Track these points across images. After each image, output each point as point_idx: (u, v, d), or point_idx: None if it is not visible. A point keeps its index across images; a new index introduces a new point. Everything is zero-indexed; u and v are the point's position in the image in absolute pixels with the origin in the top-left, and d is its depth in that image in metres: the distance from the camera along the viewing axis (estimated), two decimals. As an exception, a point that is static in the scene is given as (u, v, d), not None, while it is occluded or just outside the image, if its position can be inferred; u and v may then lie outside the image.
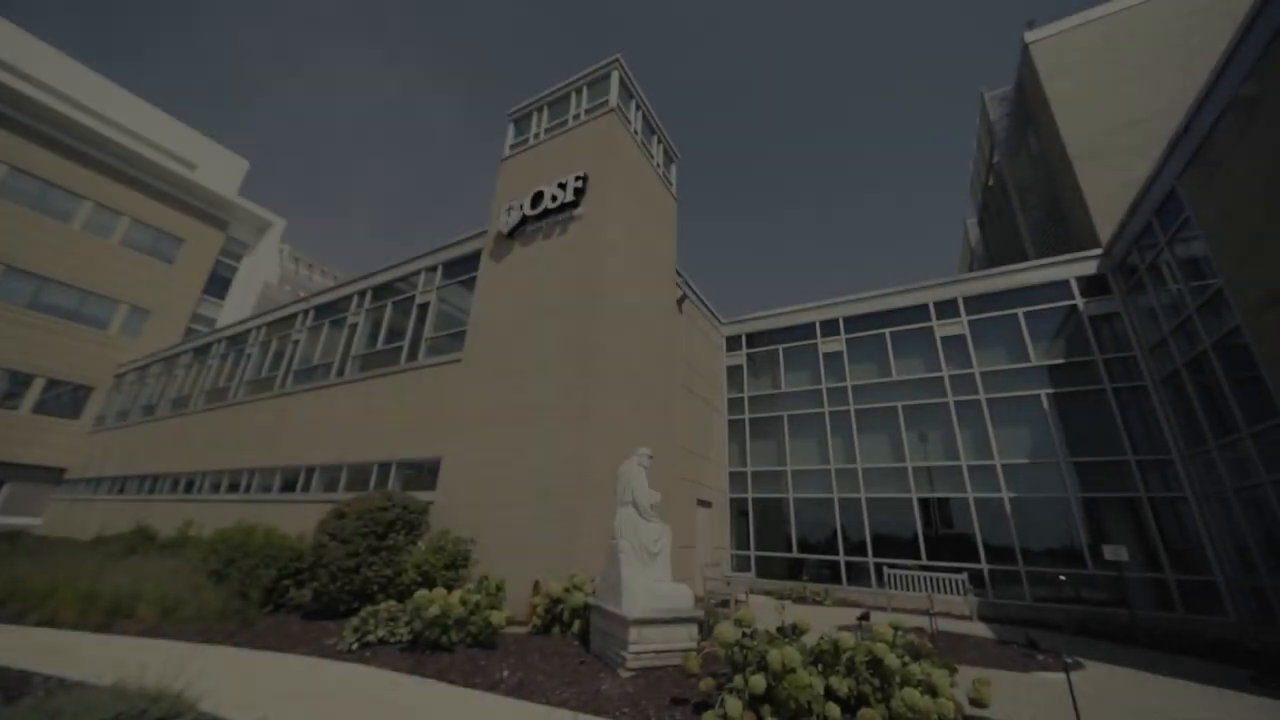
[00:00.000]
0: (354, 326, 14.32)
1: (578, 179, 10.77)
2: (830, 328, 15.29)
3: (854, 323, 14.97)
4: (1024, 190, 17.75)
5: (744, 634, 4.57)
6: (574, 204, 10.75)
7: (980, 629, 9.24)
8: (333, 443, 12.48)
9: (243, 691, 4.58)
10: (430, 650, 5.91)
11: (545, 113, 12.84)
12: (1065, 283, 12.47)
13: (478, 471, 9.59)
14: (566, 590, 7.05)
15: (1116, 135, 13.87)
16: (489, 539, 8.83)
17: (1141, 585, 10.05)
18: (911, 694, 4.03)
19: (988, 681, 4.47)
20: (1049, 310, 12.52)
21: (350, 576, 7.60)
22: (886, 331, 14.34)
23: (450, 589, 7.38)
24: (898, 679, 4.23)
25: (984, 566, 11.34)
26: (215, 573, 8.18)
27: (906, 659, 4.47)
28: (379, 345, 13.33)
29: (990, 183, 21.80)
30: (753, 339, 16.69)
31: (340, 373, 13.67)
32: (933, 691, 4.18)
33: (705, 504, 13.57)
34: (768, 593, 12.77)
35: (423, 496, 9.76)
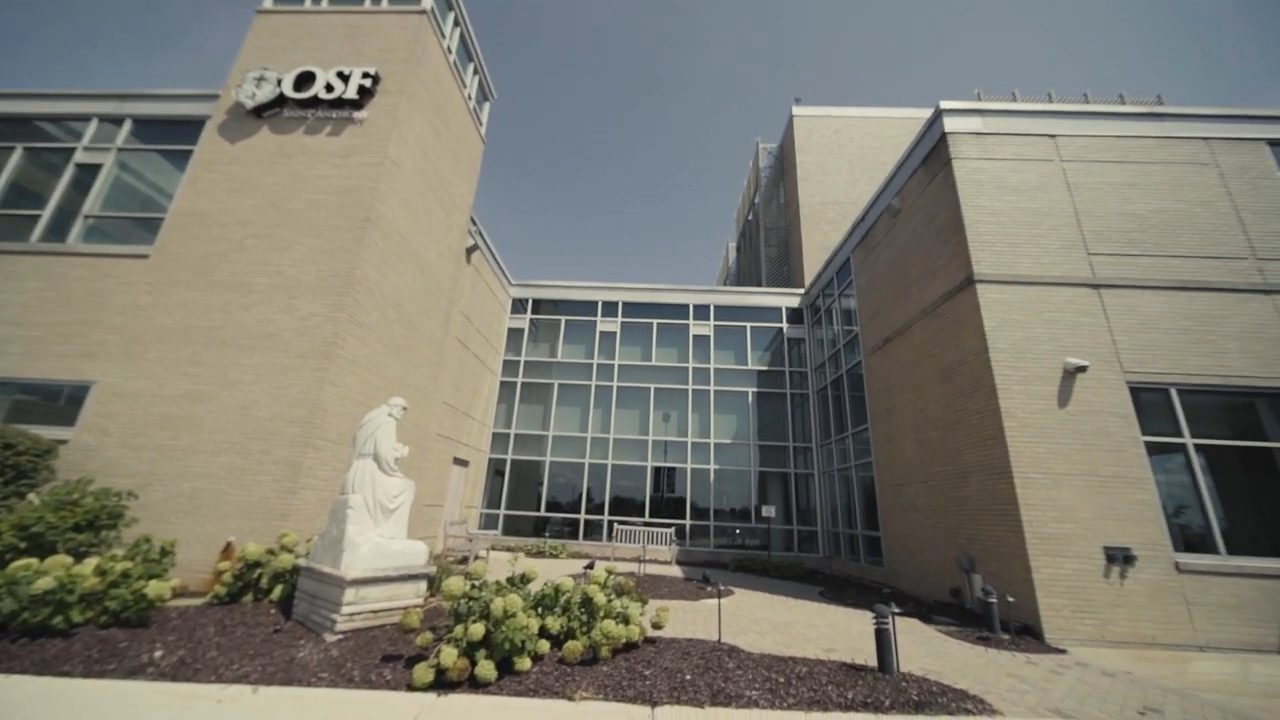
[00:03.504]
0: (-74, 164, 9.14)
1: (366, 76, 9.04)
2: (610, 309, 16.57)
3: (631, 308, 16.56)
4: (769, 231, 22.32)
5: (472, 586, 4.75)
6: (356, 103, 9.01)
7: (675, 570, 11.53)
8: None
9: None
10: (30, 638, 4.38)
11: (332, -24, 10.29)
12: (779, 310, 16.29)
13: (156, 406, 7.36)
14: (270, 552, 6.07)
15: (826, 209, 18.64)
16: (164, 493, 6.92)
17: (779, 534, 14.07)
18: (609, 624, 4.84)
19: (667, 609, 5.67)
20: (766, 328, 16.19)
21: None
22: (654, 322, 16.32)
23: (83, 556, 5.57)
24: (602, 613, 5.03)
25: (688, 522, 14.16)
26: None
27: (612, 596, 5.34)
28: (-18, 205, 8.84)
29: (750, 217, 26.62)
30: (539, 305, 16.86)
31: (-117, 231, 8.60)
32: (626, 620, 5.11)
33: (462, 462, 13.28)
34: (509, 549, 13.32)
35: (48, 433, 7.01)
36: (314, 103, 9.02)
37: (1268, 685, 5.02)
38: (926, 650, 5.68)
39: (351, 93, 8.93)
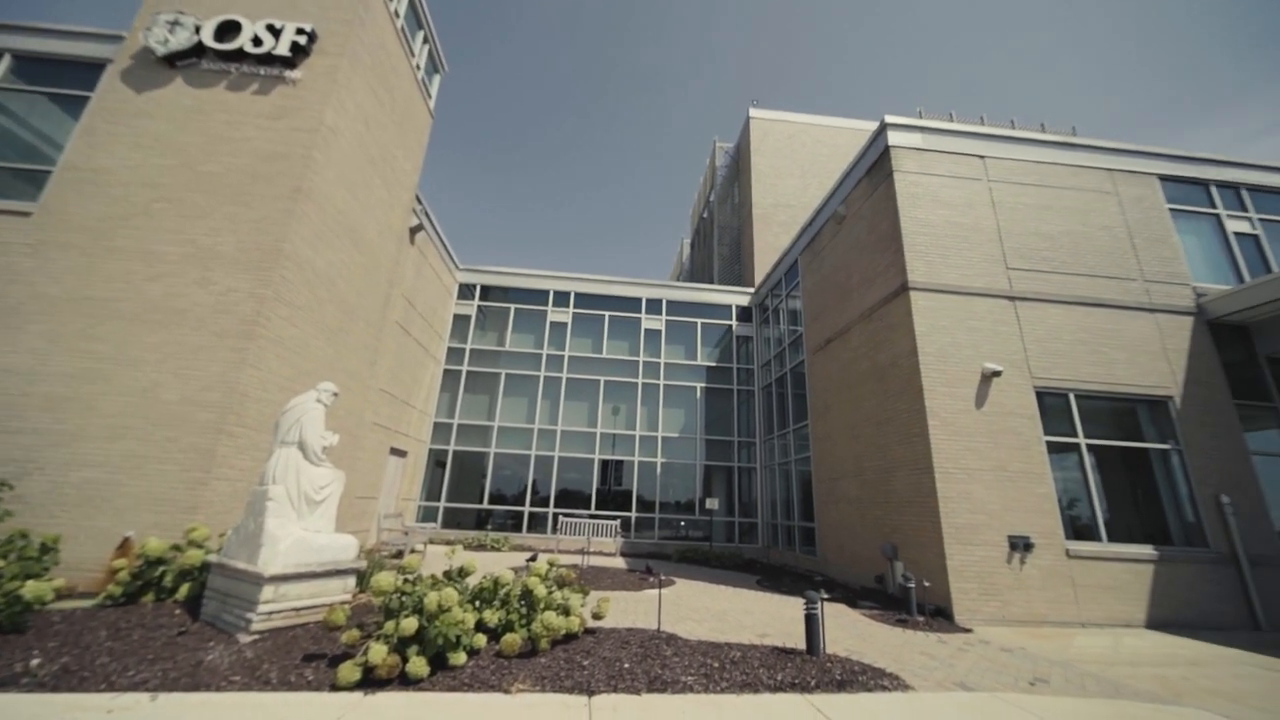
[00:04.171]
0: None
1: (301, 32, 8.35)
2: (562, 299, 16.32)
3: (583, 299, 16.39)
4: (723, 230, 22.74)
5: (405, 580, 4.56)
6: (288, 61, 8.30)
7: (620, 562, 11.61)
8: None
9: None
10: None
11: (264, -81, 9.38)
12: (730, 308, 16.66)
13: (37, 385, 6.52)
14: (176, 548, 5.55)
15: (778, 211, 19.20)
16: (47, 483, 6.17)
17: (721, 526, 14.48)
18: (549, 615, 4.79)
19: (608, 599, 5.69)
20: (717, 325, 16.52)
21: None
22: (606, 314, 16.24)
23: (-62, 554, 4.86)
24: (542, 605, 4.97)
25: (633, 515, 14.28)
26: None
27: (553, 588, 5.29)
28: None
29: (705, 215, 27.00)
30: (487, 292, 16.33)
31: None
32: (566, 611, 5.08)
33: (400, 453, 12.70)
34: (449, 542, 12.91)
35: (-107, 413, 6.05)
36: (239, 56, 8.23)
37: (1134, 656, 5.72)
38: (851, 633, 6.03)
39: (283, 49, 8.22)
